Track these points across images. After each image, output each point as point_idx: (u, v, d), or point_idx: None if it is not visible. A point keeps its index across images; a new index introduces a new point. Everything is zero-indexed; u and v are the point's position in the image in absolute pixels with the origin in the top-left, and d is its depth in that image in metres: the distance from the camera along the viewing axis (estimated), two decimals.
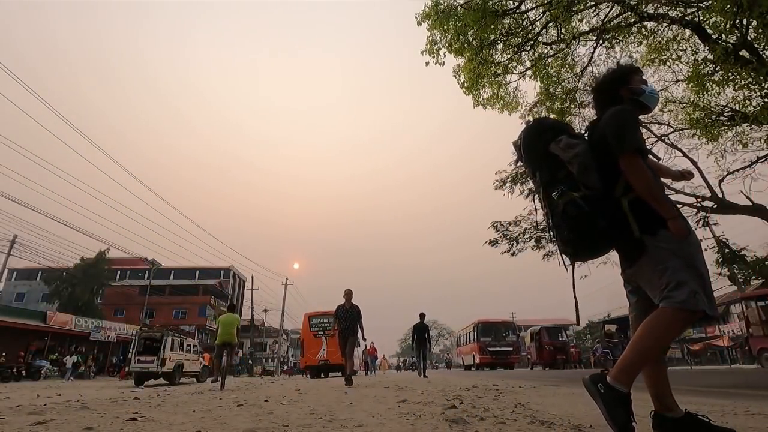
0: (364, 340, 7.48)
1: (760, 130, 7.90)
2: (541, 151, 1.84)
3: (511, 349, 17.67)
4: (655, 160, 2.07)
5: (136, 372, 12.23)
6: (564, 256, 1.85)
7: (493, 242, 11.50)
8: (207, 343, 37.42)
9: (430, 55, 7.63)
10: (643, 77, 1.93)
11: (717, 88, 6.58)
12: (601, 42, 7.84)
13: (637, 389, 1.65)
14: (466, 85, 8.03)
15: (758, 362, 12.29)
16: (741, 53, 5.93)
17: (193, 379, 14.66)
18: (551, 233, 1.83)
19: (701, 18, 6.30)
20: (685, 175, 2.16)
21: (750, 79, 6.07)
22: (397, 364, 49.76)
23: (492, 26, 7.29)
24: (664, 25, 7.14)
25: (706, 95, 7.08)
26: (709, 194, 9.62)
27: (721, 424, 1.83)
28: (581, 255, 1.80)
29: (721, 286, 17.44)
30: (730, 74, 6.16)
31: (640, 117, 1.94)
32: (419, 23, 7.50)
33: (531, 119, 1.96)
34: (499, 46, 7.88)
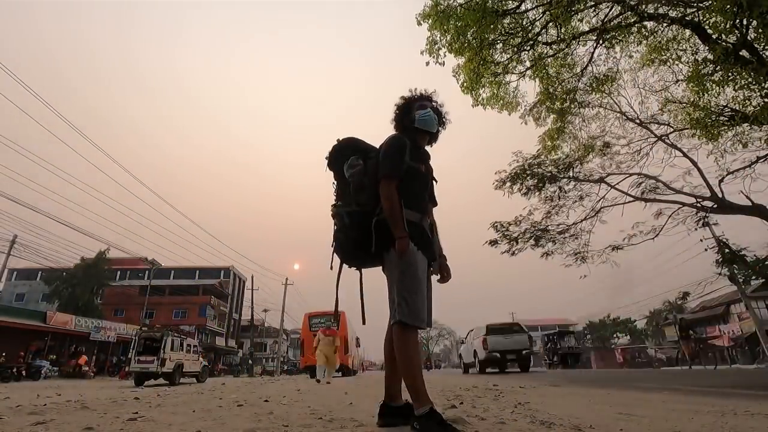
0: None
1: (760, 130, 7.89)
2: (339, 169, 2.11)
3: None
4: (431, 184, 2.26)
5: (136, 372, 12.21)
6: (341, 261, 2.08)
7: (493, 242, 11.48)
8: (207, 343, 37.45)
9: (430, 55, 7.63)
10: (424, 103, 2.19)
11: (717, 88, 6.57)
12: (601, 42, 7.84)
13: (636, 390, 1.64)
14: (465, 85, 8.02)
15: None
16: (741, 53, 5.93)
17: (193, 379, 14.65)
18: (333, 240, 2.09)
19: (701, 18, 6.29)
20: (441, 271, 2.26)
21: (750, 79, 6.06)
22: None
23: (492, 26, 7.28)
24: (664, 25, 7.14)
25: (706, 95, 7.07)
26: (709, 194, 9.62)
27: (721, 424, 1.83)
28: (348, 260, 2.06)
29: (721, 286, 17.44)
30: (730, 74, 6.16)
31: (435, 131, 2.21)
32: (419, 23, 7.49)
33: (338, 141, 2.20)
34: (499, 46, 7.88)
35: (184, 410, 2.90)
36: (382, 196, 1.91)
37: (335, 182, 2.17)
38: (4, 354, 17.99)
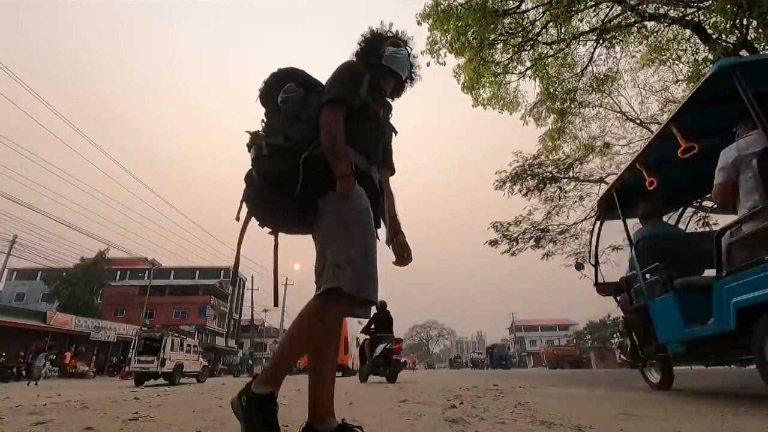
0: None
1: None
2: (273, 101, 1.61)
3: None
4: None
5: (136, 372, 12.24)
6: (250, 214, 1.55)
7: (493, 242, 11.50)
8: (207, 343, 37.47)
9: (430, 55, 7.64)
10: (398, 42, 1.78)
11: None
12: (601, 42, 7.84)
13: (635, 389, 1.63)
14: (466, 85, 8.03)
15: None
16: (741, 53, 5.93)
17: (193, 379, 14.66)
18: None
19: (701, 18, 6.30)
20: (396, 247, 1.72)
21: None
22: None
23: (492, 26, 7.29)
24: (665, 25, 7.15)
25: None
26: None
27: (721, 424, 1.83)
28: (260, 213, 1.53)
29: None
30: None
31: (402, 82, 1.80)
32: (419, 23, 7.50)
33: (278, 70, 1.70)
34: (499, 45, 7.89)
35: (184, 410, 2.90)
36: (323, 124, 1.45)
37: (264, 119, 1.67)
38: (4, 354, 18.01)
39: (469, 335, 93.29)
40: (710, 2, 5.88)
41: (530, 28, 7.78)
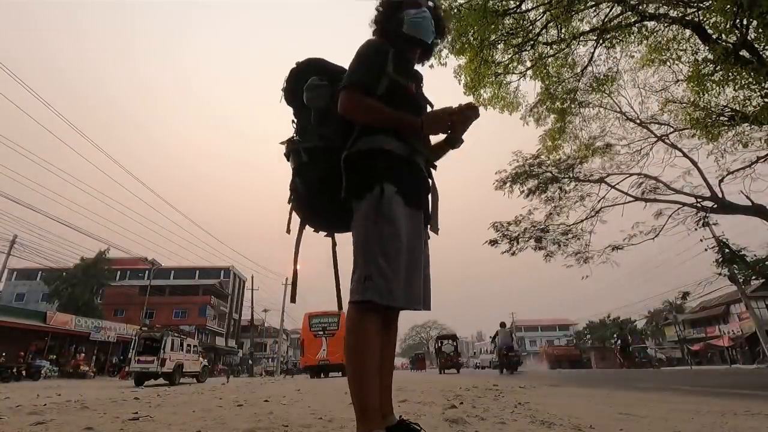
0: None
1: (760, 130, 7.90)
2: (300, 96, 1.49)
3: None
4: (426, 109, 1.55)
5: (136, 372, 12.23)
6: (302, 220, 1.51)
7: (493, 242, 11.50)
8: (207, 343, 37.46)
9: (433, 57, 7.63)
10: (419, 1, 1.56)
11: (717, 88, 6.58)
12: (601, 42, 7.84)
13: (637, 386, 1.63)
14: (468, 86, 8.03)
15: None
16: (741, 53, 5.93)
17: (193, 380, 14.66)
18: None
19: (701, 18, 6.30)
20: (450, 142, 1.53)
21: (750, 79, 6.07)
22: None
23: (492, 26, 7.29)
24: (665, 25, 7.15)
25: (706, 95, 7.08)
26: (709, 194, 9.63)
27: (721, 424, 1.82)
28: (312, 218, 1.49)
29: (721, 286, 17.44)
30: (730, 74, 6.16)
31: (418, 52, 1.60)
32: None
33: (297, 65, 1.58)
34: (500, 46, 7.88)
35: (184, 410, 2.90)
36: (346, 108, 1.32)
37: (294, 119, 1.56)
38: (4, 354, 18.00)
39: (469, 335, 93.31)
40: (710, 2, 5.88)
41: (530, 28, 7.77)
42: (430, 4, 1.60)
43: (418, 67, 1.66)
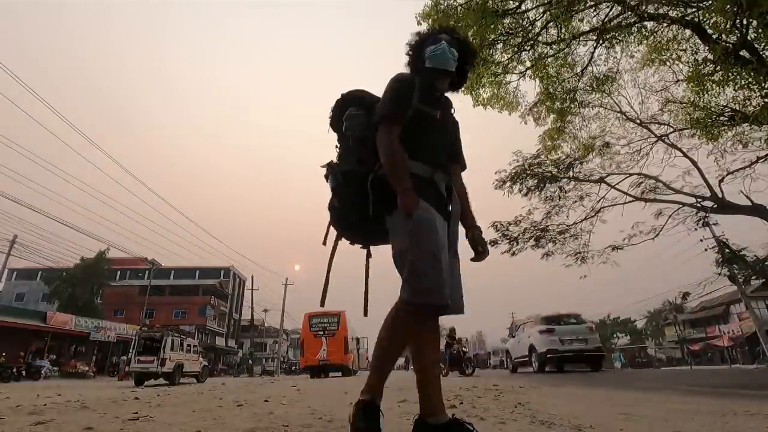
0: None
1: (760, 130, 7.90)
2: (341, 126, 1.72)
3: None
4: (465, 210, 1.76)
5: (136, 372, 12.23)
6: (340, 235, 1.71)
7: (493, 242, 11.49)
8: (207, 343, 37.46)
9: None
10: (438, 37, 1.72)
11: (717, 88, 6.59)
12: (601, 42, 7.84)
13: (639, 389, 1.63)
14: (466, 84, 8.03)
15: None
16: (741, 53, 5.93)
17: (193, 379, 14.67)
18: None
19: (701, 18, 6.30)
20: (476, 245, 1.73)
21: (750, 79, 6.07)
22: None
23: (492, 26, 7.29)
24: (665, 25, 7.15)
25: (706, 95, 7.08)
26: (709, 194, 9.63)
27: (721, 424, 1.82)
28: (346, 233, 1.69)
29: (721, 286, 17.44)
30: (730, 74, 6.16)
31: (437, 80, 1.72)
32: (419, 23, 7.50)
33: (342, 96, 1.78)
34: (499, 45, 7.88)
35: (184, 410, 2.90)
36: (379, 142, 1.52)
37: (338, 145, 1.79)
38: (4, 354, 18.00)
39: (469, 335, 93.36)
40: (710, 2, 5.88)
41: (530, 28, 7.77)
42: (446, 36, 1.73)
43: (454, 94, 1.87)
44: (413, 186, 1.45)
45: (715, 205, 9.60)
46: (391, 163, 1.48)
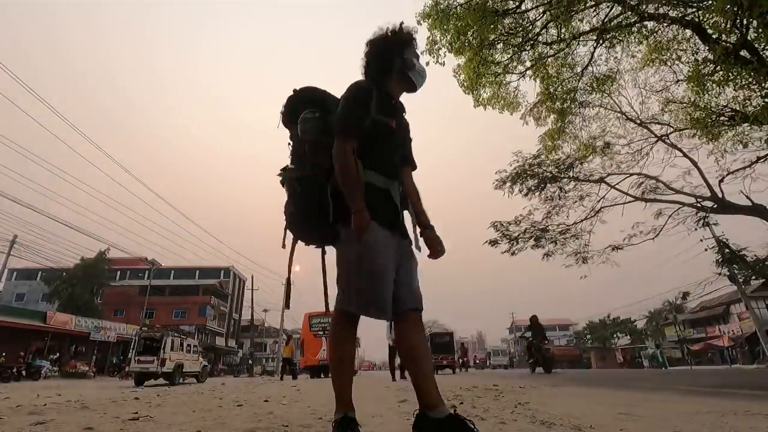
0: None
1: (760, 130, 7.90)
2: (294, 123, 1.72)
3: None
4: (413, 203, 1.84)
5: (136, 372, 12.23)
6: (296, 238, 1.78)
7: (493, 242, 11.49)
8: (207, 343, 37.46)
9: (430, 55, 7.63)
10: (417, 52, 1.82)
11: (717, 88, 6.58)
12: (601, 42, 7.84)
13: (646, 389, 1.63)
14: (466, 84, 8.02)
15: None
16: (741, 53, 5.93)
17: (193, 380, 14.68)
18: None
19: (701, 18, 6.29)
20: (425, 238, 1.81)
21: (750, 79, 6.07)
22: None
23: (492, 26, 7.28)
24: (665, 25, 7.14)
25: (706, 95, 7.08)
26: (709, 194, 9.62)
27: (721, 424, 1.82)
28: (304, 237, 1.75)
29: (721, 286, 17.44)
30: (730, 74, 6.16)
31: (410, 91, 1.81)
32: (419, 23, 7.49)
33: (295, 92, 1.81)
34: (499, 45, 7.88)
35: (184, 410, 2.90)
36: (334, 158, 1.54)
37: (290, 143, 1.78)
38: (4, 354, 18.00)
39: (469, 335, 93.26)
40: (710, 2, 5.87)
41: (530, 28, 7.77)
42: (419, 53, 1.84)
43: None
44: (368, 198, 1.51)
45: (715, 205, 9.59)
46: (345, 182, 1.51)
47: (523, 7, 7.48)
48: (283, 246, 1.78)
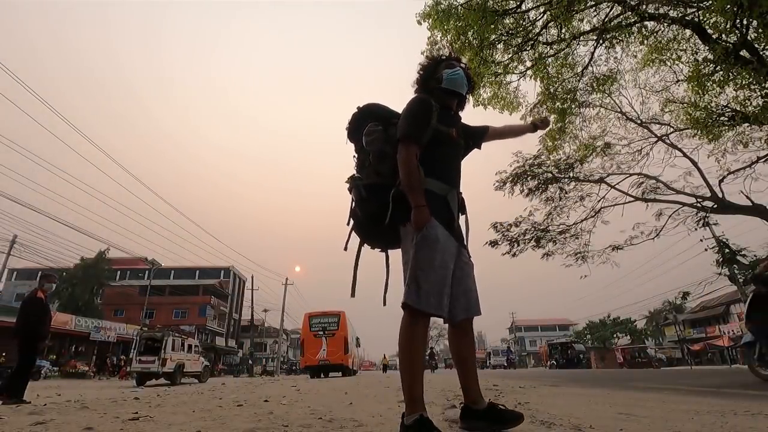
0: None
1: (761, 130, 7.90)
2: (360, 139, 1.88)
3: None
4: (509, 128, 2.25)
5: (137, 372, 12.29)
6: (362, 240, 1.89)
7: (494, 243, 11.48)
8: (207, 343, 37.45)
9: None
10: (452, 62, 1.97)
11: (717, 88, 6.57)
12: (601, 42, 7.83)
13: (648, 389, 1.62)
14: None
15: None
16: (741, 53, 5.92)
17: (195, 379, 14.68)
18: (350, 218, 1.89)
19: (701, 18, 6.29)
20: (538, 125, 2.32)
21: (750, 79, 6.06)
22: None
23: (492, 26, 7.28)
24: (665, 25, 7.14)
25: (706, 95, 7.07)
26: (709, 194, 9.62)
27: (721, 424, 1.82)
28: (368, 239, 1.87)
29: (721, 286, 17.43)
30: (730, 74, 6.16)
31: (453, 101, 1.96)
32: (419, 23, 7.49)
33: (359, 108, 1.95)
34: (500, 46, 7.87)
35: (184, 410, 2.90)
36: (399, 160, 1.68)
37: (355, 155, 1.95)
38: (4, 354, 17.99)
39: None
40: (710, 2, 5.87)
41: (530, 28, 7.76)
42: (462, 65, 2.00)
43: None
44: (427, 202, 1.63)
45: (716, 205, 9.59)
46: (407, 180, 1.64)
47: (523, 7, 7.47)
48: (345, 248, 1.88)
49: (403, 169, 1.66)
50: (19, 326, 5.05)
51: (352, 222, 1.86)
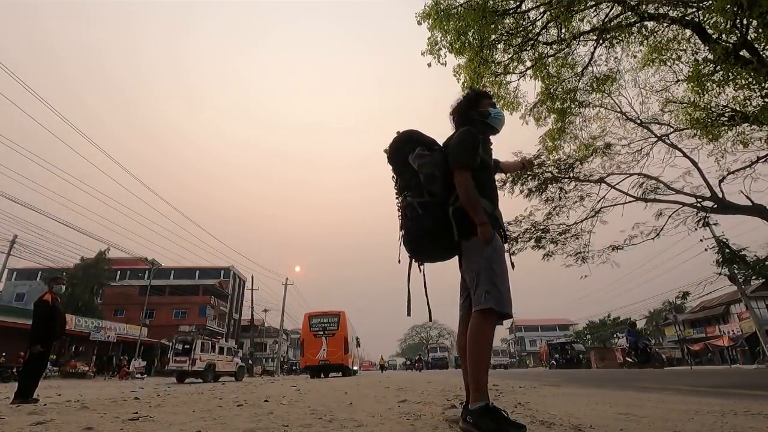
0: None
1: (761, 130, 7.89)
2: (401, 160, 2.10)
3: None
4: (507, 165, 2.52)
5: (174, 370, 14.15)
6: (410, 255, 2.07)
7: None
8: None
9: (431, 56, 7.62)
10: (492, 101, 2.28)
11: (717, 88, 6.57)
12: (601, 42, 7.83)
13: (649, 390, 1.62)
14: (466, 85, 8.01)
15: None
16: (741, 53, 5.92)
17: (231, 378, 16.28)
18: (401, 232, 2.06)
19: (701, 18, 6.29)
20: (525, 165, 2.71)
21: (750, 79, 6.06)
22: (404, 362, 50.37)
23: (492, 26, 7.27)
24: (665, 25, 7.13)
25: (706, 95, 7.06)
26: (709, 194, 9.61)
27: (721, 424, 1.82)
28: (418, 254, 2.06)
29: (721, 286, 17.44)
30: (730, 74, 6.15)
31: (492, 135, 2.24)
32: (419, 23, 7.49)
33: (399, 134, 2.20)
34: (500, 45, 7.86)
35: (184, 410, 2.90)
36: (459, 184, 1.91)
37: (395, 176, 2.17)
38: (4, 354, 18.00)
39: None
40: (710, 2, 5.87)
41: (530, 28, 7.76)
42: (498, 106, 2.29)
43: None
44: (487, 216, 1.87)
45: (716, 205, 9.59)
46: (469, 201, 1.87)
47: (523, 7, 7.47)
48: (399, 261, 2.11)
49: (464, 191, 1.88)
50: (31, 330, 5.51)
51: (402, 236, 2.03)
